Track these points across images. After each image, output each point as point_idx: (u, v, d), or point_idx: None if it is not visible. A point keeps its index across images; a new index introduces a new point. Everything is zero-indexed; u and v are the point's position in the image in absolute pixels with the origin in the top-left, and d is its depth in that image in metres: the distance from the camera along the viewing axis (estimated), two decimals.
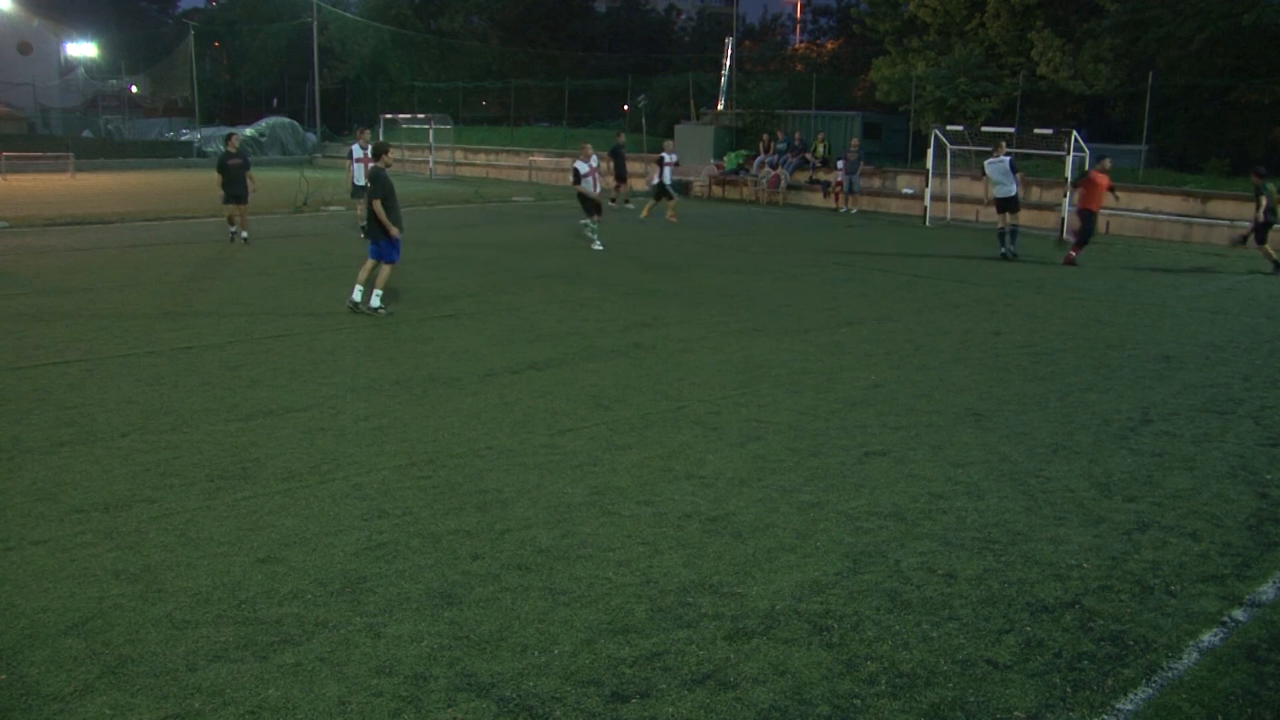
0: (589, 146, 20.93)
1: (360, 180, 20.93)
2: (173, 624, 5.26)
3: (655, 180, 25.71)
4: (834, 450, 8.19)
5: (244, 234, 20.68)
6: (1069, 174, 23.29)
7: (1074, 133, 23.46)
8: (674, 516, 6.78)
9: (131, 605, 5.45)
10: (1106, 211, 25.24)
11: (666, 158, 25.36)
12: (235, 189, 20.35)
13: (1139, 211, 25.23)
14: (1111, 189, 19.91)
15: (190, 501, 6.93)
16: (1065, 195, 23.33)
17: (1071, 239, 20.24)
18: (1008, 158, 20.27)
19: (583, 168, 20.17)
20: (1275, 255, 19.13)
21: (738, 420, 8.95)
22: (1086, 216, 19.29)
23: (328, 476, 7.43)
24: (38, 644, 5.05)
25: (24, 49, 56.90)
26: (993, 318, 13.82)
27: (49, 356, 10.94)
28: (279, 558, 6.06)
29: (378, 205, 12.94)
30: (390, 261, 13.35)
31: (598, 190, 20.65)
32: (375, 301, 13.43)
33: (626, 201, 29.18)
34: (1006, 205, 20.08)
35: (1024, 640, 5.22)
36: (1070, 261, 19.21)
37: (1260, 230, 19.22)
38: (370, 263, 13.53)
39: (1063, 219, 23.27)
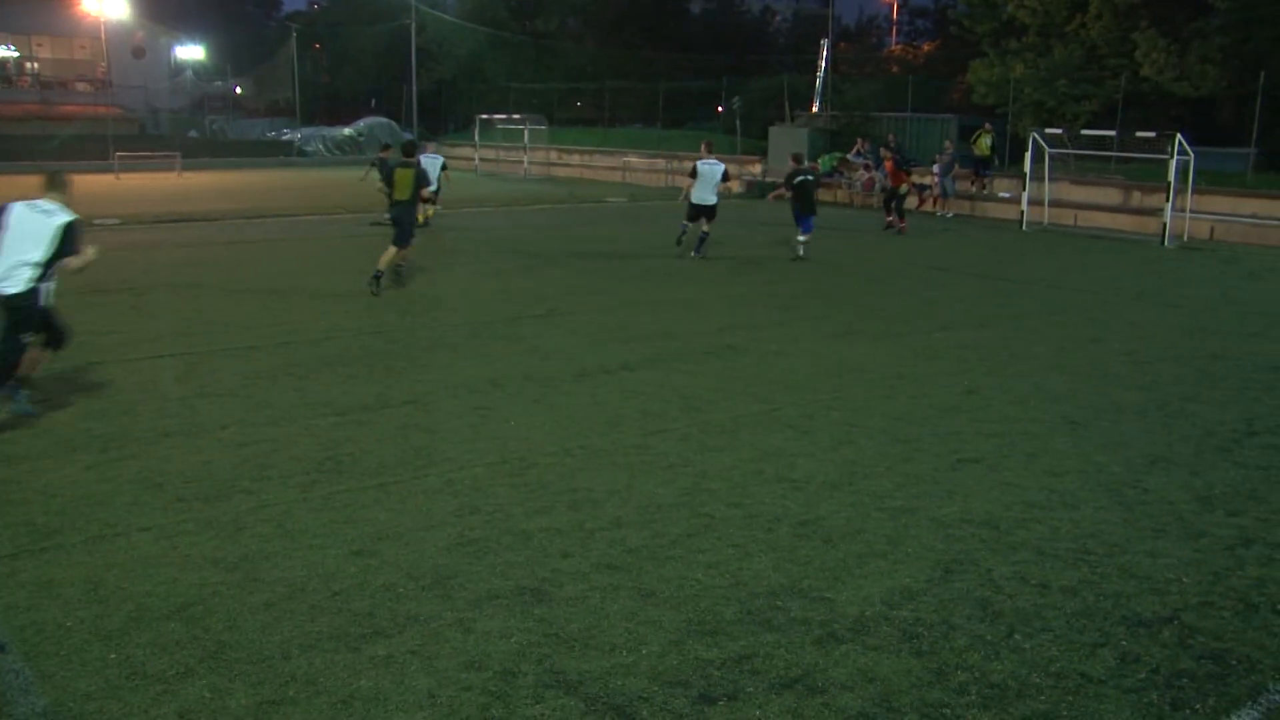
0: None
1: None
2: (269, 612, 5.39)
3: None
4: (926, 456, 8.10)
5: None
6: (1171, 178, 22.76)
7: (1178, 136, 22.91)
8: (764, 519, 6.76)
9: (230, 593, 5.60)
10: (1210, 216, 24.68)
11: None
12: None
13: (1245, 217, 24.55)
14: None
15: (287, 494, 7.09)
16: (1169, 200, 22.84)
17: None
18: None
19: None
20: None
21: (830, 424, 8.90)
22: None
23: (421, 472, 7.54)
24: (143, 627, 5.21)
25: (137, 53, 58.53)
26: (1091, 324, 13.55)
27: (154, 350, 11.26)
28: (372, 551, 6.17)
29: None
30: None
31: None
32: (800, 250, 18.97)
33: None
34: None
35: (1120, 655, 5.11)
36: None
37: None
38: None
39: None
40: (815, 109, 37.91)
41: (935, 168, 29.54)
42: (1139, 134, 24.43)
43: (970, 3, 37.46)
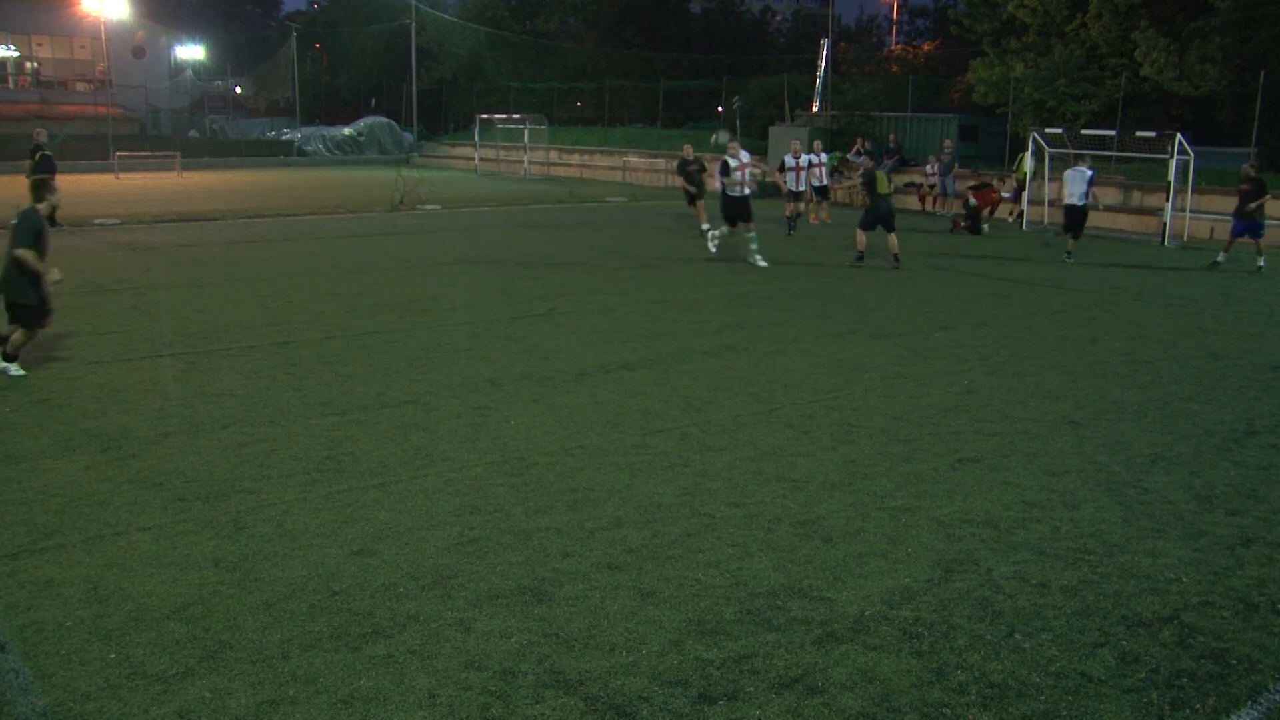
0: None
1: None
2: (269, 612, 5.39)
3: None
4: (926, 456, 8.10)
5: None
6: (1171, 178, 22.75)
7: (1178, 135, 22.90)
8: (764, 519, 6.76)
9: (230, 593, 5.60)
10: (1211, 216, 24.67)
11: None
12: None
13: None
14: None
15: (287, 493, 7.09)
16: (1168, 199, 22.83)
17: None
18: None
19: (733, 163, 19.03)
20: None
21: (829, 424, 8.90)
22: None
23: (421, 472, 7.54)
24: (143, 627, 5.22)
25: (137, 53, 58.49)
26: (1090, 324, 13.55)
27: (154, 350, 11.26)
28: (372, 550, 6.17)
29: None
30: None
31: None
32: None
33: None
34: None
35: (1119, 654, 5.11)
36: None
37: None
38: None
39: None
40: (815, 108, 37.86)
41: (935, 167, 29.55)
42: (1139, 134, 24.41)
43: (970, 2, 37.39)
